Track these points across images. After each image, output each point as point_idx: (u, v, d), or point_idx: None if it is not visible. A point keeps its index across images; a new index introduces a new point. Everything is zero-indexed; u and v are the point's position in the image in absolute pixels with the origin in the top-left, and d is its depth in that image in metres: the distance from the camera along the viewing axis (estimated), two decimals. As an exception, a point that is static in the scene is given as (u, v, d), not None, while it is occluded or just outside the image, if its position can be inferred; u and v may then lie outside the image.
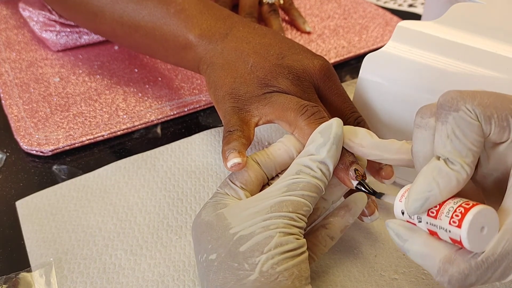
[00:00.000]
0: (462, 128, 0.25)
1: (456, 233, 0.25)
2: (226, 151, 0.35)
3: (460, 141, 0.25)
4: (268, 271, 0.29)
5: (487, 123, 0.25)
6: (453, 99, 0.26)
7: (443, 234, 0.26)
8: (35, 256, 0.38)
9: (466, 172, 0.25)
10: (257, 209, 0.31)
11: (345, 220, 0.35)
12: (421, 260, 0.27)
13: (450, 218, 0.25)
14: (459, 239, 0.25)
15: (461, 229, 0.24)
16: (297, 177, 0.32)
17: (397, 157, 0.32)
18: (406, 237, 0.27)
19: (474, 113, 0.25)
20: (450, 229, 0.25)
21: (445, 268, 0.25)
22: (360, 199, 0.36)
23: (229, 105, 0.38)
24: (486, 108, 0.25)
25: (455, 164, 0.25)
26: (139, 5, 0.45)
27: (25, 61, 0.58)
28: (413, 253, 0.27)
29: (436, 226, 0.26)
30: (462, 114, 0.25)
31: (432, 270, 0.26)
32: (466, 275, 0.25)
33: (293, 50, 0.41)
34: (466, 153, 0.25)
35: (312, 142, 0.33)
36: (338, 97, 0.40)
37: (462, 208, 0.25)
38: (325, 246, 0.35)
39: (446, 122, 0.26)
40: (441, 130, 0.26)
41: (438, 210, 0.26)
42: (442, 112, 0.26)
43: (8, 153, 0.48)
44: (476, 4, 0.42)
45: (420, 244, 0.27)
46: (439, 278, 0.26)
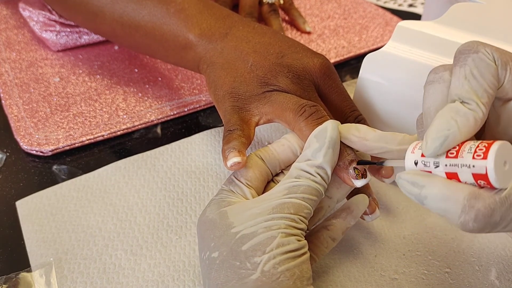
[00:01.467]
0: (480, 69, 0.26)
1: (481, 166, 0.24)
2: (226, 150, 0.35)
3: (477, 81, 0.26)
4: (269, 271, 0.29)
5: (503, 68, 0.26)
6: (473, 44, 0.27)
7: (464, 172, 0.25)
8: (35, 256, 0.38)
9: (482, 112, 0.25)
10: (259, 210, 0.31)
11: (346, 222, 0.35)
12: (442, 203, 0.25)
13: (473, 153, 0.24)
14: (484, 171, 0.24)
15: (487, 160, 0.24)
16: (297, 181, 0.32)
17: (401, 148, 0.32)
18: (424, 183, 0.26)
19: (492, 56, 0.26)
20: (474, 163, 0.24)
21: (471, 204, 0.24)
22: (362, 201, 0.36)
23: (229, 104, 0.38)
24: (503, 54, 0.26)
25: (471, 104, 0.25)
26: (139, 5, 0.45)
27: (25, 61, 0.58)
28: (432, 198, 0.26)
29: (457, 165, 0.25)
30: (481, 55, 0.26)
31: (455, 211, 0.25)
32: (492, 209, 0.24)
33: (293, 49, 0.41)
34: (482, 94, 0.26)
35: (308, 146, 0.33)
36: (339, 95, 0.40)
37: (485, 143, 0.24)
38: (327, 247, 0.35)
39: (465, 65, 0.26)
40: (459, 73, 0.26)
41: (458, 150, 0.25)
42: (460, 57, 0.27)
43: (8, 153, 0.48)
44: (476, 4, 0.42)
45: (440, 186, 0.25)
46: (464, 217, 0.24)
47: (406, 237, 0.39)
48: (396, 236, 0.40)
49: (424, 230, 0.40)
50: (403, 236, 0.40)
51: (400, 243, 0.39)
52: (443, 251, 0.38)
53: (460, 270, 0.37)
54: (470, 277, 0.37)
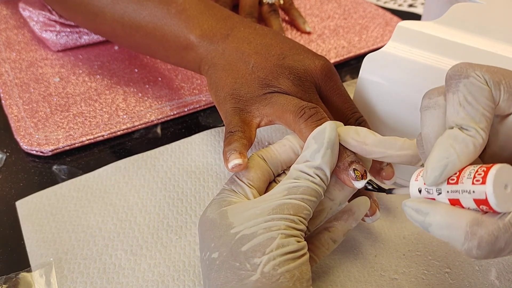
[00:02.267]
0: (474, 94, 0.25)
1: (481, 191, 0.24)
2: (227, 152, 0.35)
3: (472, 106, 0.25)
4: (269, 272, 0.29)
5: (496, 88, 0.25)
6: (462, 68, 0.26)
7: (466, 198, 0.25)
8: (35, 256, 0.38)
9: (482, 137, 0.25)
10: (259, 210, 0.31)
11: (348, 224, 0.35)
12: (445, 230, 0.25)
13: (473, 178, 0.24)
14: (484, 196, 0.24)
15: (486, 184, 0.23)
16: (297, 182, 0.32)
17: (401, 153, 0.32)
18: (427, 210, 0.26)
19: (484, 79, 0.25)
20: (474, 189, 0.24)
21: (474, 231, 0.24)
22: (364, 203, 0.35)
23: (230, 106, 0.38)
24: (494, 74, 0.26)
25: (470, 130, 0.25)
26: (140, 6, 0.45)
27: (25, 61, 0.58)
28: (436, 225, 0.26)
29: (458, 191, 0.25)
30: (472, 80, 0.26)
31: (459, 238, 0.25)
32: (495, 236, 0.23)
33: (294, 50, 0.40)
34: (480, 119, 0.25)
35: (307, 147, 0.33)
36: (339, 97, 0.40)
37: (484, 167, 0.24)
38: (327, 249, 0.35)
39: (457, 91, 0.26)
40: (453, 100, 0.26)
41: (458, 176, 0.25)
42: (452, 82, 0.26)
43: (8, 153, 0.48)
44: (476, 4, 0.42)
45: (443, 213, 0.25)
46: (467, 244, 0.24)
47: (406, 237, 0.39)
48: (396, 236, 0.40)
49: (424, 230, 0.40)
50: (403, 236, 0.40)
51: (400, 243, 0.39)
52: (443, 251, 0.38)
53: (460, 270, 0.37)
54: (470, 277, 0.37)
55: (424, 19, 0.60)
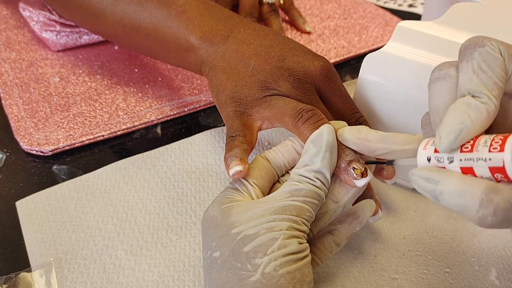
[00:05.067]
0: (488, 62, 0.26)
1: (498, 159, 0.23)
2: (228, 159, 0.35)
3: (486, 74, 0.26)
4: (270, 273, 0.29)
5: (510, 61, 0.26)
6: (477, 38, 0.27)
7: (481, 166, 0.24)
8: (35, 256, 0.38)
9: (494, 104, 0.25)
10: (262, 211, 0.31)
11: (352, 227, 0.35)
12: (458, 198, 0.24)
13: (489, 146, 0.24)
14: (501, 164, 0.23)
15: (504, 152, 0.23)
16: (299, 184, 0.32)
17: (405, 148, 0.31)
18: (438, 178, 0.25)
19: (499, 49, 0.26)
20: (490, 156, 0.24)
21: (490, 198, 0.23)
22: (368, 206, 0.35)
23: (231, 109, 0.38)
24: (509, 47, 0.26)
25: (482, 97, 0.25)
26: (140, 7, 0.45)
27: (25, 61, 0.58)
28: (448, 194, 0.25)
29: (472, 159, 0.25)
30: (488, 49, 0.26)
31: (473, 207, 0.24)
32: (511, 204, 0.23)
33: (293, 52, 0.40)
34: (492, 86, 0.25)
35: (305, 152, 0.33)
36: (340, 98, 0.40)
37: (501, 136, 0.24)
38: (330, 252, 0.34)
39: (471, 59, 0.26)
40: (467, 67, 0.26)
41: (472, 145, 0.25)
42: (467, 52, 0.27)
43: (8, 153, 0.48)
44: (476, 4, 0.42)
45: (456, 181, 0.25)
46: (482, 212, 0.24)
47: (406, 237, 0.39)
48: (396, 236, 0.40)
49: (424, 230, 0.40)
50: (403, 236, 0.40)
51: (400, 243, 0.39)
52: (443, 251, 0.38)
53: (460, 270, 0.37)
54: (470, 277, 0.37)
55: (424, 19, 0.60)
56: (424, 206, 0.42)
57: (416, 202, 0.42)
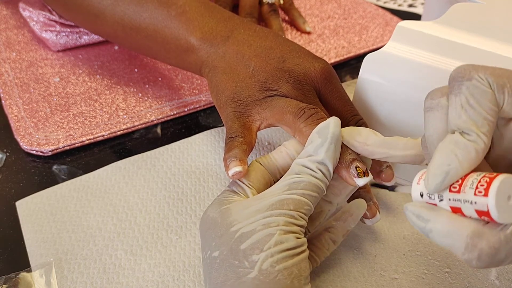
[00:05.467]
0: (476, 97, 0.25)
1: (483, 203, 0.23)
2: (227, 159, 0.35)
3: (474, 110, 0.25)
4: (267, 269, 0.29)
5: (500, 92, 0.25)
6: (465, 70, 0.25)
7: (468, 208, 0.24)
8: (35, 256, 0.38)
9: (484, 142, 0.24)
10: (259, 207, 0.31)
11: (347, 225, 0.35)
12: (446, 238, 0.25)
13: (475, 189, 0.24)
14: (486, 209, 0.23)
15: (488, 197, 0.23)
16: (298, 177, 0.32)
17: (404, 153, 0.31)
18: (428, 217, 0.26)
19: (487, 82, 0.25)
20: (476, 200, 0.24)
21: (474, 243, 0.24)
22: (361, 204, 0.36)
23: (231, 110, 0.38)
24: (498, 77, 0.25)
25: (471, 135, 0.24)
26: (140, 8, 0.45)
27: (25, 61, 0.58)
28: (437, 233, 0.25)
29: (459, 200, 0.25)
30: (475, 82, 0.25)
31: (459, 248, 0.24)
32: (496, 249, 0.23)
33: (294, 53, 0.40)
34: (482, 123, 0.24)
35: (310, 142, 0.33)
36: (339, 100, 0.40)
37: (487, 178, 0.24)
38: (328, 249, 0.35)
39: (459, 93, 0.25)
40: (455, 102, 0.25)
41: (460, 185, 0.25)
42: (454, 84, 0.26)
43: (8, 153, 0.48)
44: (476, 4, 0.42)
45: (444, 222, 0.25)
46: (467, 255, 0.24)
47: (406, 237, 0.39)
48: (396, 236, 0.40)
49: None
50: (403, 236, 0.40)
51: (400, 243, 0.39)
52: (443, 251, 0.38)
53: (460, 270, 0.37)
54: (470, 277, 0.37)
55: (424, 19, 0.60)
56: (424, 206, 0.42)
57: (416, 202, 0.42)
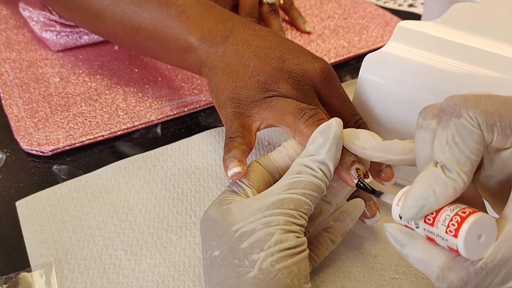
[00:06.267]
0: (463, 136, 0.24)
1: (453, 243, 0.24)
2: (226, 160, 0.35)
3: (459, 148, 0.25)
4: (267, 268, 0.29)
5: (489, 131, 0.24)
6: (455, 105, 0.25)
7: (440, 241, 0.26)
8: (35, 256, 0.38)
9: (463, 181, 0.25)
10: (259, 206, 0.31)
11: (345, 224, 0.35)
12: (420, 265, 0.27)
13: (446, 227, 0.25)
14: (456, 248, 0.24)
15: (457, 238, 0.24)
16: (298, 176, 0.32)
17: (401, 158, 0.31)
18: (405, 242, 0.27)
19: (476, 121, 0.24)
20: (447, 237, 0.25)
21: (444, 275, 0.25)
22: (359, 204, 0.36)
23: (230, 110, 0.38)
24: (489, 116, 0.24)
25: (452, 172, 0.25)
26: (140, 8, 0.45)
27: (25, 61, 0.58)
28: (412, 259, 0.27)
29: (433, 233, 0.26)
30: (464, 121, 0.24)
31: (432, 276, 0.26)
32: (465, 281, 0.25)
33: (293, 53, 0.40)
34: (464, 161, 0.25)
35: (312, 142, 0.33)
36: (339, 100, 0.40)
37: (459, 217, 0.24)
38: (327, 249, 0.35)
39: (447, 128, 0.25)
40: (441, 136, 0.25)
41: (434, 218, 0.26)
42: (443, 116, 0.25)
43: (8, 153, 0.48)
44: (476, 4, 0.42)
45: (418, 250, 0.27)
46: (438, 284, 0.26)
47: (406, 237, 0.39)
48: (396, 236, 0.39)
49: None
50: (403, 236, 0.40)
51: (400, 243, 0.39)
52: (443, 251, 0.38)
53: (460, 270, 0.37)
54: (470, 277, 0.37)
55: (424, 19, 0.60)
56: (424, 206, 0.42)
57: (416, 202, 0.42)
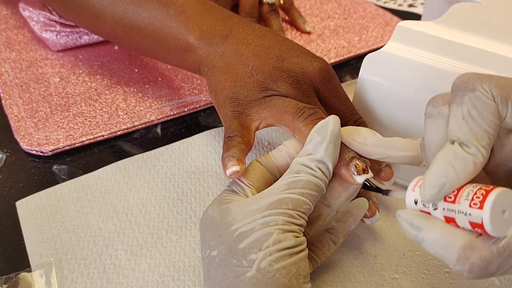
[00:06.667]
0: (479, 109, 0.24)
1: (478, 216, 0.23)
2: (225, 159, 0.35)
3: (476, 122, 0.24)
4: (265, 268, 0.29)
5: (503, 104, 0.24)
6: (469, 79, 0.25)
7: (462, 219, 0.24)
8: (35, 256, 0.38)
9: (482, 155, 0.24)
10: (258, 206, 0.31)
11: (347, 225, 0.35)
12: (438, 249, 0.25)
13: (470, 201, 0.24)
14: (480, 221, 0.23)
15: (483, 210, 0.23)
16: (297, 176, 0.32)
17: (402, 154, 0.31)
18: (421, 226, 0.26)
19: (491, 94, 0.24)
20: (470, 212, 0.24)
21: (466, 255, 0.24)
22: (362, 204, 0.35)
23: (230, 110, 0.38)
24: (503, 89, 0.24)
25: (471, 147, 0.24)
26: (140, 7, 0.45)
27: (25, 61, 0.58)
28: (429, 242, 0.25)
29: (454, 211, 0.25)
30: (479, 94, 0.24)
31: (451, 259, 0.24)
32: (487, 262, 0.23)
33: (292, 53, 0.40)
34: (482, 135, 0.24)
35: (309, 141, 0.33)
36: (338, 99, 0.40)
37: (483, 190, 0.24)
38: (328, 250, 0.35)
39: (462, 104, 0.25)
40: (457, 112, 0.25)
41: (456, 195, 0.25)
42: (457, 93, 0.25)
43: (8, 153, 0.48)
44: (476, 4, 0.42)
45: (437, 232, 0.25)
46: (459, 266, 0.24)
47: (406, 237, 0.39)
48: (396, 236, 0.40)
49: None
50: (403, 236, 0.40)
51: (400, 243, 0.39)
52: (443, 251, 0.38)
53: (460, 270, 0.37)
54: (470, 277, 0.37)
55: (424, 19, 0.60)
56: (424, 206, 0.42)
57: (416, 202, 0.42)
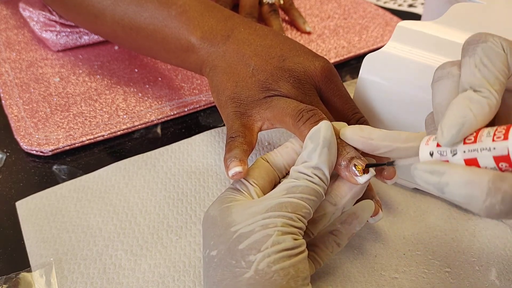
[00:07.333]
0: (490, 57, 0.26)
1: (503, 147, 0.24)
2: (227, 159, 0.35)
3: (488, 69, 0.26)
4: (263, 270, 0.29)
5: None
6: (481, 34, 0.27)
7: (485, 156, 0.24)
8: (35, 256, 0.38)
9: (496, 98, 0.25)
10: (258, 209, 0.31)
11: (352, 227, 0.35)
12: (464, 188, 0.24)
13: (493, 136, 0.24)
14: (506, 152, 0.24)
15: (508, 140, 0.23)
16: (296, 181, 0.32)
17: (408, 145, 0.31)
18: (443, 170, 0.25)
19: (501, 45, 0.26)
20: (495, 146, 0.24)
21: (497, 186, 0.23)
22: (367, 207, 0.35)
23: (232, 110, 0.38)
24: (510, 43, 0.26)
25: (484, 92, 0.25)
26: (140, 7, 0.45)
27: (25, 61, 0.58)
28: (454, 184, 0.25)
29: (476, 150, 0.25)
30: (490, 44, 0.26)
31: (479, 196, 0.24)
32: None
33: (294, 52, 0.40)
34: (494, 81, 0.26)
35: (304, 149, 0.33)
36: (340, 98, 0.40)
37: (503, 126, 0.24)
38: (332, 252, 0.35)
39: (474, 54, 0.26)
40: (469, 62, 0.27)
41: (475, 136, 0.25)
42: (469, 47, 0.27)
43: (8, 153, 0.48)
44: (476, 4, 0.42)
45: (461, 172, 0.25)
46: (489, 200, 0.24)
47: (406, 237, 0.39)
48: (396, 236, 0.40)
49: (424, 230, 0.40)
50: (403, 236, 0.40)
51: (400, 243, 0.39)
52: (443, 251, 0.38)
53: (460, 270, 0.37)
54: (470, 277, 0.37)
55: (424, 19, 0.60)
56: (424, 206, 0.42)
57: (416, 202, 0.42)
